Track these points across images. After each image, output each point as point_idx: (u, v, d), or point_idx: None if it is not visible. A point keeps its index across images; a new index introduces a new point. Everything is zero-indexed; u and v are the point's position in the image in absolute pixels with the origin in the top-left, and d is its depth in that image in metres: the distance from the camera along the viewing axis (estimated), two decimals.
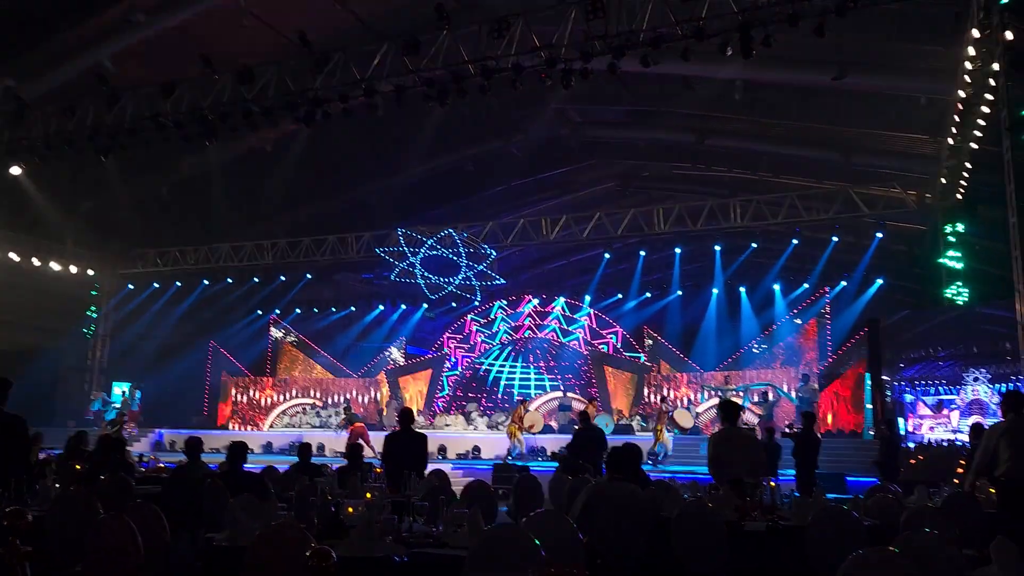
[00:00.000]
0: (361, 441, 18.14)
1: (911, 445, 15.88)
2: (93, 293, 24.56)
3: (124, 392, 22.88)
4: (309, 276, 24.84)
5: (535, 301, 26.01)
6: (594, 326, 25.34)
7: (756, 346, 22.68)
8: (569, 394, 24.90)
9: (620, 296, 25.29)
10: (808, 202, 19.07)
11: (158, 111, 14.66)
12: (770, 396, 19.94)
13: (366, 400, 25.39)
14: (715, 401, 20.85)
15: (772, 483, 6.26)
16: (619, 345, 24.97)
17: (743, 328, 23.42)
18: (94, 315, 24.77)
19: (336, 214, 22.92)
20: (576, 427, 11.36)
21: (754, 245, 21.73)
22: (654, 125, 19.67)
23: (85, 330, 24.68)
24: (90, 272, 23.65)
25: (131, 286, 24.69)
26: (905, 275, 21.99)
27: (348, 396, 24.32)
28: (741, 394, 20.91)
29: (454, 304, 26.29)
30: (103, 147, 15.41)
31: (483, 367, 26.06)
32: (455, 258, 21.45)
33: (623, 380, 24.17)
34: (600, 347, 24.96)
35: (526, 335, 25.83)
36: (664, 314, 24.77)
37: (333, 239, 22.35)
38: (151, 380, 23.66)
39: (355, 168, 21.15)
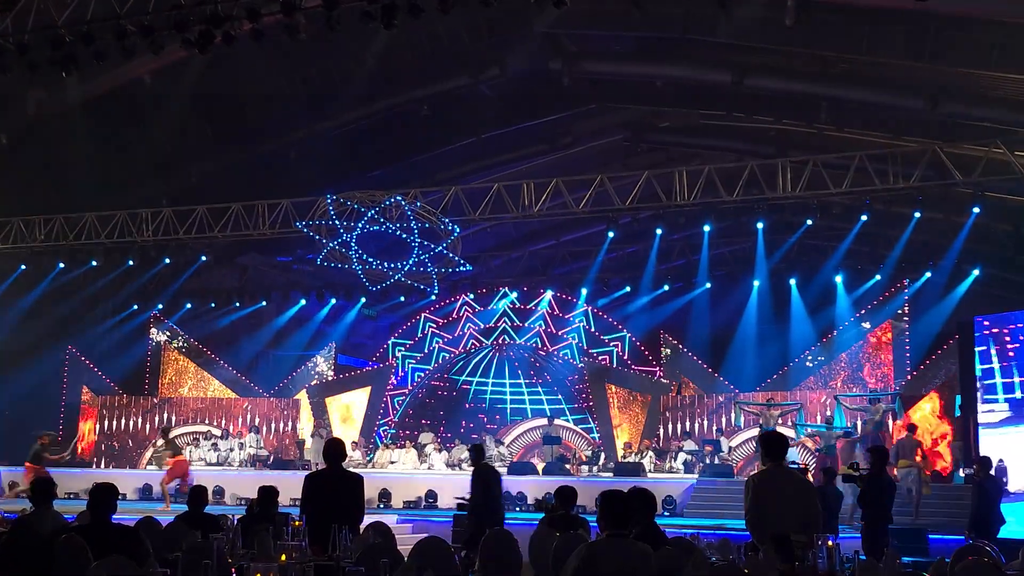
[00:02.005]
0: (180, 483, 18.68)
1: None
2: None
3: None
4: (204, 258, 24.65)
5: (512, 295, 26.06)
6: (593, 330, 25.45)
7: (810, 357, 22.85)
8: (558, 421, 24.97)
9: (628, 290, 25.39)
10: (882, 165, 19.20)
11: None
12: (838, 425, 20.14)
13: (280, 428, 25.31)
14: (754, 432, 20.95)
15: (830, 542, 6.30)
16: (626, 356, 25.07)
17: (793, 333, 23.63)
18: None
19: (241, 174, 22.75)
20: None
21: (809, 222, 21.79)
22: (676, 58, 19.68)
23: None
24: None
25: None
26: (1009, 264, 22.25)
27: (165, 427, 23.58)
28: (790, 421, 21.09)
29: (402, 298, 26.24)
30: None
31: (448, 382, 26.12)
32: (404, 236, 21.38)
33: (631, 403, 24.28)
34: (601, 358, 25.04)
35: (499, 340, 25.90)
36: (688, 314, 24.90)
37: (237, 208, 22.15)
38: None
39: (267, 112, 20.99)
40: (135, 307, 26.66)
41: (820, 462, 18.12)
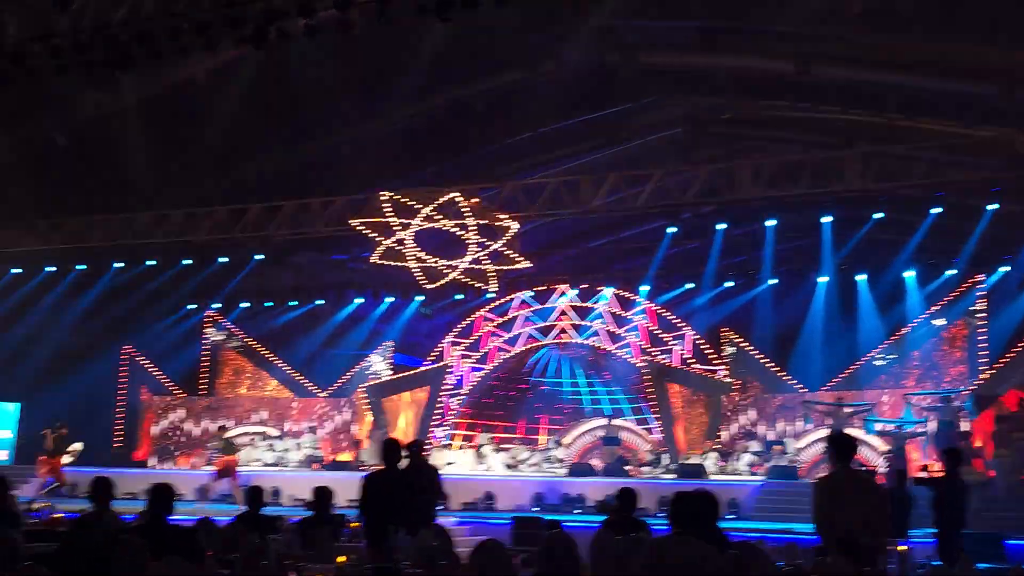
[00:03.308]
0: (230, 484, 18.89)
1: None
2: None
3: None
4: (259, 257, 24.96)
5: (571, 293, 25.97)
6: (654, 327, 25.25)
7: (880, 356, 22.54)
8: (618, 421, 24.88)
9: (690, 286, 25.21)
10: (956, 155, 18.89)
11: (50, 29, 14.75)
12: (910, 427, 19.83)
13: (336, 426, 25.55)
14: (823, 432, 20.68)
15: (901, 547, 6.23)
16: (688, 355, 24.89)
17: (862, 331, 23.28)
18: None
19: (296, 172, 23.00)
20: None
21: (879, 216, 21.53)
22: (738, 48, 19.53)
23: None
24: None
25: (16, 270, 24.90)
26: None
27: (222, 425, 23.88)
28: (860, 421, 20.81)
29: (459, 297, 26.28)
30: None
31: (505, 382, 26.15)
32: (460, 233, 21.45)
33: (694, 403, 24.10)
34: (662, 357, 24.88)
35: (557, 339, 25.84)
36: (751, 311, 24.69)
37: (292, 206, 22.43)
38: (43, 399, 23.91)
39: (321, 109, 21.18)
40: (191, 306, 27.07)
41: (891, 464, 17.88)
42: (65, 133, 21.14)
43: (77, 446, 19.93)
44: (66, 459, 19.68)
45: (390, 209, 21.33)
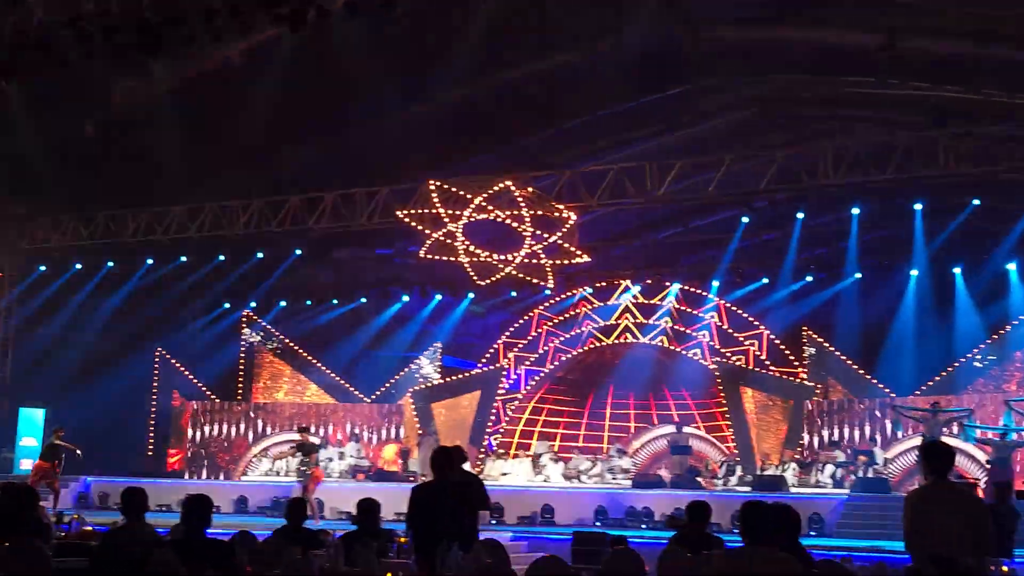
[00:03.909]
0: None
1: None
2: None
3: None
4: (299, 252, 25.20)
5: (635, 289, 25.91)
6: (726, 326, 25.14)
7: (979, 356, 22.22)
8: (687, 429, 24.78)
9: (766, 281, 25.08)
10: None
11: (78, 13, 15.00)
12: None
13: (382, 436, 25.73)
14: (916, 441, 20.50)
15: (1004, 566, 6.13)
16: (764, 356, 24.73)
17: (959, 329, 22.99)
18: None
19: (336, 161, 23.15)
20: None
21: (976, 202, 21.21)
22: (816, 21, 19.32)
23: None
24: None
25: (43, 268, 25.38)
26: None
27: (302, 426, 23.22)
28: (956, 429, 20.51)
29: (514, 294, 26.34)
30: (1, 69, 15.85)
31: (564, 385, 26.15)
32: (515, 225, 21.48)
33: (771, 408, 23.95)
34: (735, 358, 24.74)
35: (620, 339, 25.78)
36: (834, 308, 24.50)
37: (333, 197, 22.60)
38: (72, 404, 24.35)
39: (364, 94, 21.29)
40: (227, 306, 27.40)
41: (992, 476, 17.60)
42: (94, 122, 21.46)
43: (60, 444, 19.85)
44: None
45: (439, 199, 21.41)
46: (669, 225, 27.25)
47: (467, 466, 22.38)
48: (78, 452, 20.05)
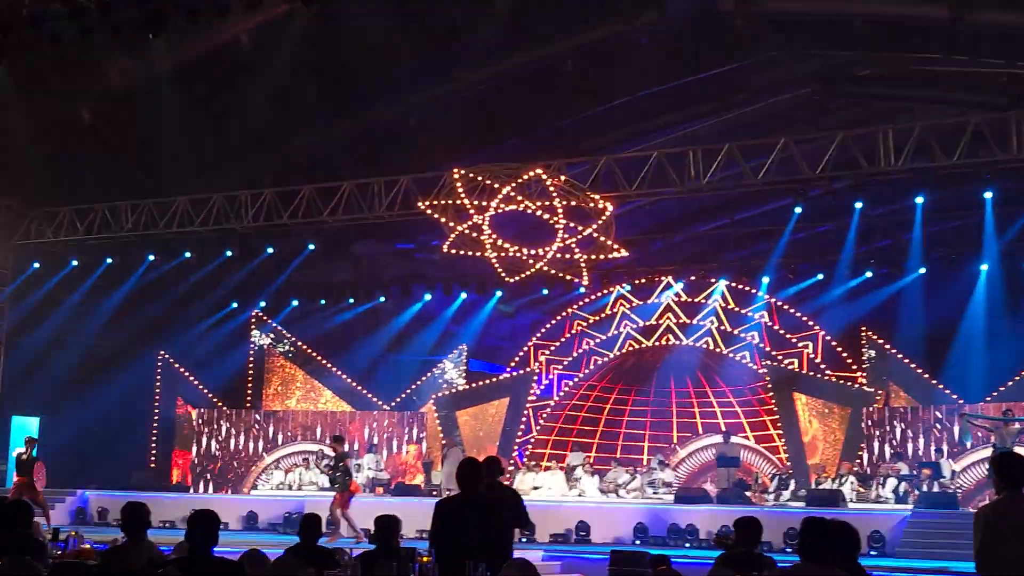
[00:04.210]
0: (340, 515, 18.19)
1: None
2: None
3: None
4: (312, 247, 25.20)
5: (677, 286, 25.80)
6: (777, 327, 25.00)
7: None
8: (735, 438, 24.68)
9: (821, 277, 24.95)
10: None
11: None
12: None
13: (403, 447, 25.69)
14: (986, 452, 20.32)
15: None
16: (819, 359, 24.58)
17: None
18: None
19: (353, 148, 23.16)
20: None
21: None
22: None
23: None
24: None
25: (36, 265, 25.47)
26: None
27: (336, 435, 22.75)
28: None
29: (546, 292, 26.26)
30: None
31: (601, 391, 26.09)
32: (546, 216, 21.37)
33: (826, 416, 23.81)
34: (787, 362, 24.60)
35: (661, 341, 25.68)
36: (896, 307, 24.39)
37: (349, 187, 22.56)
38: (66, 412, 24.42)
39: (382, 74, 21.29)
40: (234, 305, 27.44)
41: None
42: (90, 107, 21.53)
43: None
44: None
45: (464, 189, 21.32)
46: (715, 216, 27.23)
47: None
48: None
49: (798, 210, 22.26)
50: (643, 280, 26.28)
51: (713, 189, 21.21)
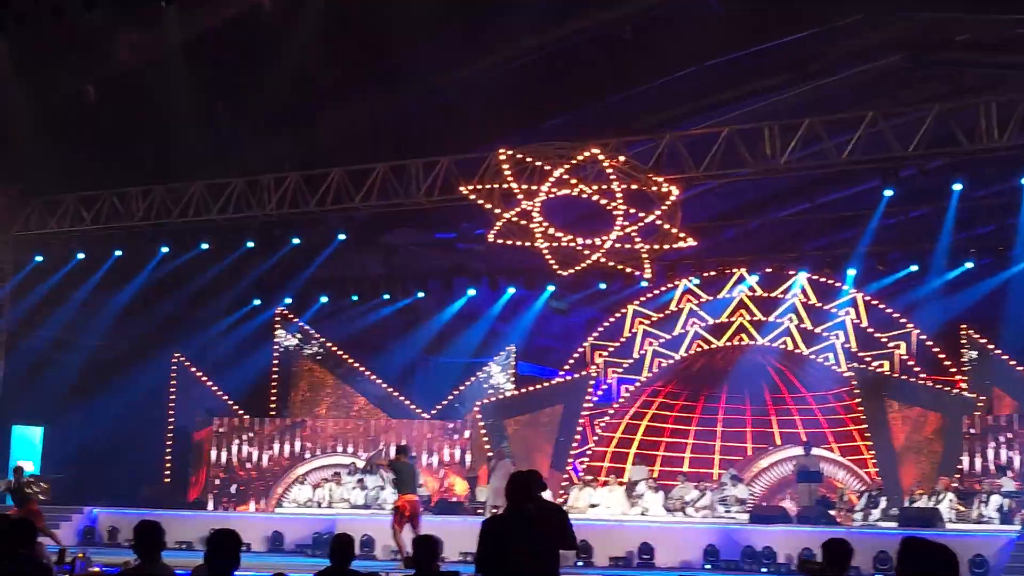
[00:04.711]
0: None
1: None
2: None
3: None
4: (343, 236, 25.35)
5: (752, 280, 25.76)
6: (865, 324, 24.91)
7: None
8: (817, 451, 24.61)
9: (915, 268, 24.87)
10: None
11: None
12: None
13: (445, 459, 25.82)
14: None
15: None
16: (913, 361, 24.47)
17: None
18: None
19: (386, 127, 23.26)
20: None
21: None
22: None
23: None
24: None
25: (39, 258, 25.77)
26: None
27: (400, 445, 22.47)
28: None
29: (603, 286, 26.27)
30: None
31: (666, 397, 26.12)
32: (603, 202, 21.44)
33: (921, 425, 23.70)
34: (877, 364, 24.51)
35: (734, 341, 25.68)
36: (1001, 302, 24.31)
37: (383, 169, 22.72)
38: (72, 421, 24.71)
39: (417, 45, 21.38)
40: (257, 302, 27.60)
41: None
42: (96, 84, 21.76)
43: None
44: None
45: (510, 172, 21.41)
46: (793, 200, 27.10)
47: (547, 495, 22.52)
48: (43, 486, 20.02)
49: (888, 193, 22.17)
50: (713, 273, 26.22)
51: (791, 169, 21.17)
